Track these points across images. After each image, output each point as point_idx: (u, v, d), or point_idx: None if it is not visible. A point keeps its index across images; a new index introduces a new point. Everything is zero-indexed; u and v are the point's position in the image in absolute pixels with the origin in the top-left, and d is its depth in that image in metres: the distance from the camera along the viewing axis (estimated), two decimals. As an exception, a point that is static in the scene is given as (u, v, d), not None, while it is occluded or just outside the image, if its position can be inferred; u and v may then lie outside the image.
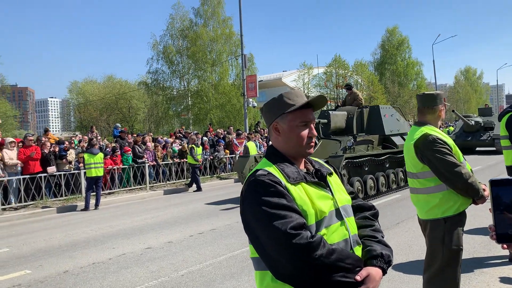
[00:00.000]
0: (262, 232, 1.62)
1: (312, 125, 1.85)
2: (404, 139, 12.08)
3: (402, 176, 12.05)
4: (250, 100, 25.32)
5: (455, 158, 3.17)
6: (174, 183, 15.81)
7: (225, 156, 18.24)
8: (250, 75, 26.47)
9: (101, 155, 11.93)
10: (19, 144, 12.32)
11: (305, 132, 1.82)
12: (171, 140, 18.06)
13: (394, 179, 11.72)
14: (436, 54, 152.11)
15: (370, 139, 11.53)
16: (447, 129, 31.17)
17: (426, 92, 3.49)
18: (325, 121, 11.76)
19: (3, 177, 11.29)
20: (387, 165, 11.66)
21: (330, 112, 12.09)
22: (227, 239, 7.30)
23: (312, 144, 1.86)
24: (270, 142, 1.94)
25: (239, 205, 1.77)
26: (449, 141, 3.26)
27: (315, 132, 1.87)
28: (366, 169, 10.84)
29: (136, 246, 7.15)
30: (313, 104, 1.84)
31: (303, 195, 1.70)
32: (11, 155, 11.67)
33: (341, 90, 45.16)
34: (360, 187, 10.44)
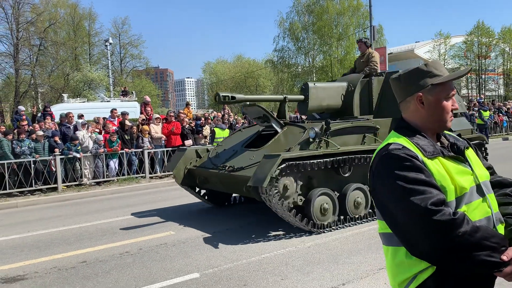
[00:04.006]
0: (398, 208, 1.57)
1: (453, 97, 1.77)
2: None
3: None
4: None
5: None
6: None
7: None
8: (379, 47, 25.29)
9: (227, 130, 12.74)
10: (163, 120, 13.77)
11: (450, 105, 1.74)
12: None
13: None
14: None
15: (371, 125, 7.29)
16: None
17: None
18: (301, 97, 7.86)
19: (151, 149, 12.78)
20: None
21: (310, 84, 7.87)
22: (353, 216, 7.27)
23: (452, 118, 1.77)
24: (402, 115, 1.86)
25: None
26: None
27: (456, 105, 1.77)
28: (333, 179, 6.69)
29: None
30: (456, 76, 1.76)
31: (442, 170, 1.62)
32: (156, 130, 13.16)
33: (483, 61, 40.67)
34: (317, 212, 6.29)
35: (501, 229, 1.67)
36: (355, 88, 8.03)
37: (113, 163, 12.14)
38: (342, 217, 6.61)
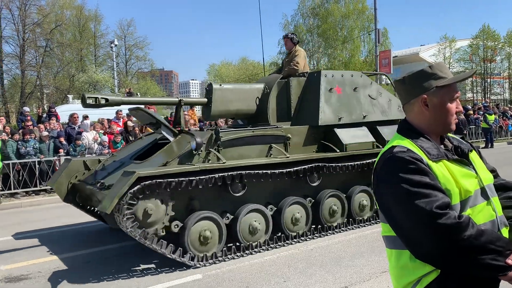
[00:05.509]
0: (403, 211, 1.57)
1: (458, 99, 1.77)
2: (383, 135, 6.80)
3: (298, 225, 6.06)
4: (383, 77, 24.22)
5: None
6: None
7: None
8: (383, 50, 25.24)
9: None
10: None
11: (454, 107, 1.74)
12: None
13: (294, 223, 6.00)
14: None
15: (280, 134, 6.11)
16: None
17: None
18: (204, 100, 6.68)
19: (154, 150, 12.81)
20: (280, 190, 6.05)
21: (214, 85, 6.59)
22: (357, 219, 7.24)
23: (456, 120, 1.77)
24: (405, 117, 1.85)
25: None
26: None
27: (461, 107, 1.77)
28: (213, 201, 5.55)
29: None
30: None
31: (446, 173, 1.62)
32: (160, 131, 13.17)
33: (488, 64, 40.48)
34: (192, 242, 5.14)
35: (505, 232, 1.66)
36: (271, 90, 6.72)
37: (117, 164, 12.16)
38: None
